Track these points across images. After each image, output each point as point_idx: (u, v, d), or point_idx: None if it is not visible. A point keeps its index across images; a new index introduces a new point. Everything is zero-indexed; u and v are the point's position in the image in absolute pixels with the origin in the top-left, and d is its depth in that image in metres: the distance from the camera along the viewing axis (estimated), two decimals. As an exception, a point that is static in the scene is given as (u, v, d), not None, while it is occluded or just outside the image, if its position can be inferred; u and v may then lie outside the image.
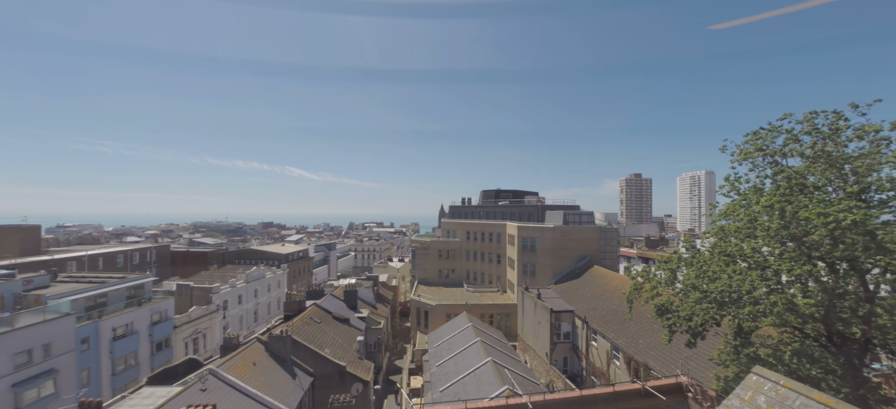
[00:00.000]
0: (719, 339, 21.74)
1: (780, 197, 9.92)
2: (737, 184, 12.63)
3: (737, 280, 10.56)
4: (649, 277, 14.35)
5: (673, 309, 12.72)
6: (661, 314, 13.16)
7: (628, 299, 14.87)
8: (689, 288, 12.09)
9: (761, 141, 11.76)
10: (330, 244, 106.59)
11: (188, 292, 49.39)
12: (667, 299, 13.00)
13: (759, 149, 11.74)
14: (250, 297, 56.76)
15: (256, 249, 72.86)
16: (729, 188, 13.12)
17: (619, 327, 28.98)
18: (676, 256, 13.89)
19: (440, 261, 64.61)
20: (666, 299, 13.04)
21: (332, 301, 42.20)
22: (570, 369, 35.22)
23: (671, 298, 13.06)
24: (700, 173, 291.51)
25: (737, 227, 11.15)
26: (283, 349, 26.63)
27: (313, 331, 32.79)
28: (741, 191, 12.73)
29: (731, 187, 13.03)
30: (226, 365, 22.78)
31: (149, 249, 60.85)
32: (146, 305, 39.25)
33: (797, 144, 10.99)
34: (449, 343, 37.38)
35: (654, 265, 15.18)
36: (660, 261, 14.50)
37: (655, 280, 13.93)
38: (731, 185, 12.93)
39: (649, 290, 13.81)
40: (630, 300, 14.79)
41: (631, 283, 15.15)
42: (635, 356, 24.73)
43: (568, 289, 41.48)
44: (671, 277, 13.61)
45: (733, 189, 13.02)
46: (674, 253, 14.37)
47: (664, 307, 12.96)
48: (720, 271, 11.20)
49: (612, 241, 47.88)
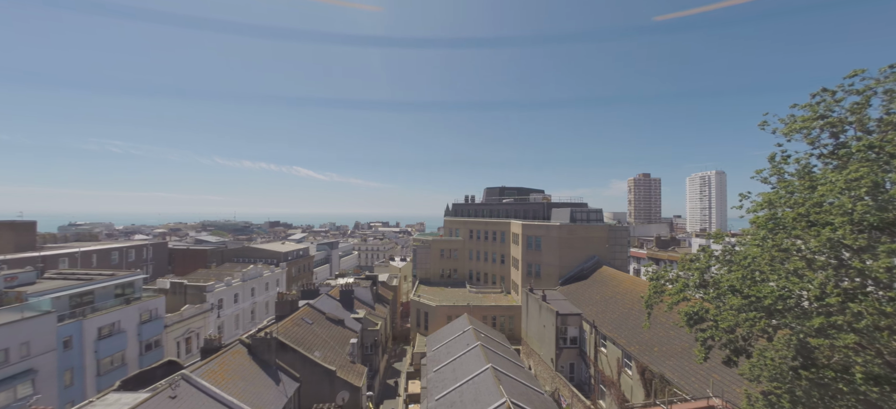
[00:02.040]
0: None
1: (867, 170, 7.66)
2: (784, 164, 10.36)
3: (794, 283, 8.33)
4: (674, 279, 12.15)
5: (709, 318, 10.40)
6: (693, 325, 10.88)
7: (647, 303, 12.70)
8: (726, 292, 9.87)
9: (825, 105, 9.48)
10: (332, 243, 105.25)
11: (182, 290, 48.02)
12: (699, 307, 10.73)
13: (820, 117, 9.48)
14: (247, 296, 55.31)
15: (255, 247, 71.59)
16: (771, 172, 10.87)
17: (631, 332, 26.69)
18: (707, 253, 11.69)
19: (442, 260, 62.61)
20: (698, 307, 10.76)
21: (326, 301, 40.43)
22: (576, 376, 32.96)
23: (703, 304, 10.77)
24: (710, 173, 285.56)
25: (797, 213, 8.82)
26: (268, 352, 24.85)
27: (303, 333, 31.00)
28: (791, 172, 10.47)
29: (774, 170, 10.80)
30: (202, 370, 21.04)
31: (145, 246, 59.79)
32: (135, 303, 37.87)
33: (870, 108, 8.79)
34: (448, 347, 35.36)
35: (678, 265, 12.96)
36: (686, 259, 12.32)
37: (682, 283, 11.73)
38: (775, 167, 10.67)
39: (674, 293, 11.62)
40: (650, 305, 12.61)
41: (650, 285, 12.96)
42: (650, 365, 22.45)
43: (575, 291, 39.19)
44: (700, 279, 11.42)
45: (776, 172, 10.79)
46: (701, 251, 12.20)
47: (697, 316, 10.68)
48: (770, 271, 8.98)
49: (622, 240, 45.42)
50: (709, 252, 11.72)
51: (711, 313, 10.18)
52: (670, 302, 11.83)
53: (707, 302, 10.64)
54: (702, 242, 67.59)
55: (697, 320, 10.65)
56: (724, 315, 9.57)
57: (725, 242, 11.73)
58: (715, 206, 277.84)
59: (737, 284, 9.46)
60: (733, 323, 9.42)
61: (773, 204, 9.89)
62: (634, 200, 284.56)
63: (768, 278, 9.04)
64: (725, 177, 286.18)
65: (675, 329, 24.23)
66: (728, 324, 9.42)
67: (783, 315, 8.75)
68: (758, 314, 9.03)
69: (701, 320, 10.59)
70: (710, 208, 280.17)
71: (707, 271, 11.41)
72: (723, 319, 9.56)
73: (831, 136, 9.51)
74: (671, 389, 19.30)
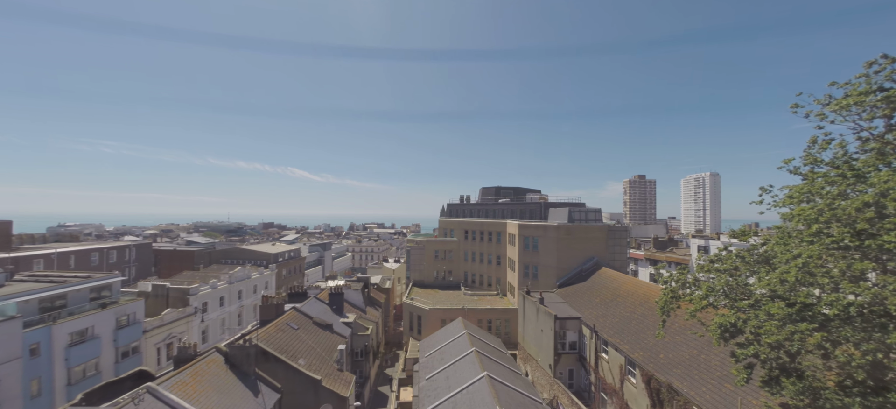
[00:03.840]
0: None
1: None
2: (823, 150, 8.91)
3: (864, 289, 6.84)
4: (692, 282, 10.65)
5: (749, 331, 8.71)
6: (729, 338, 9.31)
7: (662, 310, 11.20)
8: (765, 299, 8.33)
9: (885, 74, 8.00)
10: (325, 244, 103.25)
11: (164, 293, 45.94)
12: (735, 317, 9.12)
13: (878, 89, 7.99)
14: (234, 299, 53.28)
15: (244, 248, 69.50)
16: (805, 160, 9.41)
17: (634, 338, 25.27)
18: (732, 254, 10.20)
19: (436, 262, 60.98)
20: (734, 317, 9.15)
21: (314, 305, 38.65)
22: (576, 383, 31.50)
23: (739, 314, 9.15)
24: (705, 175, 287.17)
25: (862, 203, 7.33)
26: (246, 360, 23.10)
27: (288, 339, 29.24)
28: (826, 161, 9.06)
29: (808, 159, 9.34)
30: (171, 381, 19.27)
31: (128, 247, 57.51)
32: (111, 307, 35.83)
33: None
34: (442, 353, 33.77)
35: (695, 267, 11.47)
36: (707, 261, 10.82)
37: (705, 287, 10.23)
38: (810, 156, 9.21)
39: (698, 300, 10.12)
40: (666, 312, 11.11)
41: (664, 290, 11.46)
42: (656, 373, 21.01)
43: (573, 293, 37.77)
44: (726, 284, 9.91)
45: (812, 161, 9.35)
46: (724, 250, 10.72)
47: (733, 329, 9.05)
48: (822, 274, 7.45)
49: (622, 241, 44.13)
50: (735, 252, 10.25)
51: (751, 325, 8.61)
52: (692, 309, 10.34)
53: (739, 311, 9.05)
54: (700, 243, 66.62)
55: (733, 333, 9.09)
56: (767, 327, 8.04)
57: (751, 240, 10.26)
58: (709, 207, 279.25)
59: (779, 287, 7.95)
60: (781, 338, 7.86)
61: (813, 195, 8.47)
62: (630, 202, 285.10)
63: (819, 282, 7.55)
64: (719, 179, 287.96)
65: (681, 334, 22.85)
66: (774, 338, 7.86)
67: (845, 327, 7.24)
68: (809, 326, 7.54)
69: (737, 333, 9.04)
70: (705, 209, 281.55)
71: (734, 274, 9.94)
72: (766, 332, 8.02)
73: (885, 114, 8.03)
74: (681, 400, 17.83)
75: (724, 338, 9.18)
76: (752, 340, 8.49)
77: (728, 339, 9.15)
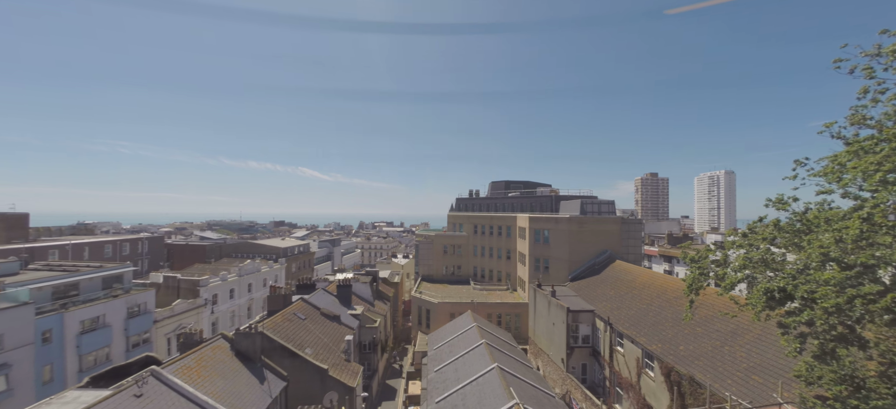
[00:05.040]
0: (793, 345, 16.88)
1: None
2: (874, 101, 7.90)
3: None
4: (722, 260, 9.70)
5: (801, 297, 7.63)
6: (775, 307, 8.27)
7: (690, 288, 10.28)
8: (814, 265, 7.34)
9: None
10: (335, 240, 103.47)
11: (175, 284, 46.29)
12: (784, 280, 8.13)
13: None
14: (243, 292, 53.49)
15: (254, 243, 69.91)
16: (853, 119, 8.43)
17: (651, 330, 24.20)
18: (770, 224, 9.24)
19: (445, 257, 60.31)
20: (784, 280, 8.14)
21: (322, 296, 38.34)
22: (589, 377, 30.49)
23: (787, 280, 8.16)
24: (719, 173, 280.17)
25: None
26: (252, 348, 22.75)
27: (295, 329, 28.90)
28: (874, 120, 8.11)
29: (857, 119, 8.38)
30: (175, 366, 18.99)
31: (141, 240, 58.22)
32: (122, 296, 36.06)
33: None
34: (451, 345, 33.08)
35: (725, 244, 10.53)
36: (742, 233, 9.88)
37: (742, 259, 9.26)
38: (859, 117, 8.24)
39: (738, 268, 9.15)
40: (694, 290, 10.18)
41: (692, 267, 10.53)
42: (676, 365, 19.97)
43: (586, 286, 36.70)
44: (766, 254, 8.97)
45: (859, 120, 8.38)
46: (760, 222, 9.77)
47: (782, 293, 8.00)
48: (884, 231, 6.47)
49: (636, 234, 42.81)
50: (773, 222, 9.27)
51: (802, 290, 7.62)
52: (727, 284, 9.42)
53: (788, 279, 8.05)
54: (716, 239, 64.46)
55: (782, 299, 8.10)
56: (823, 291, 7.08)
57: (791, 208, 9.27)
58: (723, 206, 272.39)
59: (833, 249, 6.98)
60: (842, 301, 6.87)
61: (867, 151, 7.52)
62: (642, 200, 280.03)
63: (881, 240, 6.55)
64: (735, 177, 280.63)
65: (702, 326, 21.75)
66: (832, 302, 6.90)
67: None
68: (874, 288, 6.57)
69: (786, 299, 8.04)
70: (719, 208, 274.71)
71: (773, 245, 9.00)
72: (823, 295, 7.06)
73: None
74: (705, 393, 16.80)
75: (770, 307, 8.24)
76: (803, 307, 7.54)
77: (774, 307, 8.20)
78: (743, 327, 19.80)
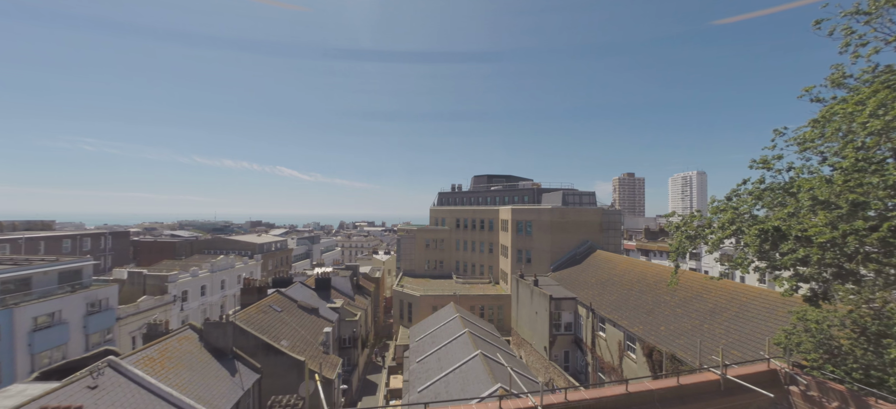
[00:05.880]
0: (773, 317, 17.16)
1: None
2: (855, 56, 7.88)
3: None
4: (705, 224, 9.57)
5: (794, 235, 7.37)
6: (769, 248, 7.97)
7: (676, 251, 10.09)
8: (804, 210, 7.16)
9: None
10: (314, 237, 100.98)
11: (141, 281, 43.73)
12: (780, 220, 7.85)
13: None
14: (216, 289, 51.14)
15: (228, 239, 67.19)
16: (833, 81, 8.45)
17: (632, 313, 24.37)
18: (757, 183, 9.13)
19: (427, 251, 59.63)
20: (781, 219, 7.87)
21: (300, 290, 37.01)
22: (572, 365, 30.55)
23: (779, 220, 7.95)
24: (692, 174, 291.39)
25: None
26: (223, 339, 21.48)
27: (270, 320, 27.64)
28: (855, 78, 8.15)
29: (836, 79, 8.41)
30: (136, 357, 17.63)
31: (104, 235, 54.79)
32: (81, 292, 33.66)
33: None
34: (433, 337, 32.49)
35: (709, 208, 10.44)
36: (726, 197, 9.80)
37: (730, 213, 9.10)
38: (839, 75, 8.27)
39: (725, 222, 8.98)
40: (680, 253, 9.99)
41: (678, 234, 10.36)
42: (658, 345, 20.10)
43: (568, 276, 36.86)
44: (754, 204, 8.88)
45: (839, 79, 8.42)
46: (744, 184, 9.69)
47: (777, 233, 7.71)
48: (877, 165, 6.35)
49: (616, 224, 43.43)
50: (759, 180, 9.17)
51: (796, 229, 7.43)
52: (715, 241, 9.25)
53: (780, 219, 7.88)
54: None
55: (775, 239, 7.89)
56: (816, 229, 6.88)
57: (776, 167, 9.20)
58: (696, 204, 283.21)
59: (822, 190, 6.81)
60: (837, 235, 6.68)
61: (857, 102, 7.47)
62: (619, 200, 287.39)
63: (872, 181, 6.43)
64: (706, 177, 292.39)
65: (682, 307, 22.02)
66: (827, 237, 6.71)
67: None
68: (866, 225, 6.41)
69: (780, 239, 7.84)
70: (692, 207, 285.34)
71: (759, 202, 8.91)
72: (817, 232, 6.87)
73: None
74: (685, 369, 16.89)
75: (762, 250, 8.08)
76: (797, 246, 7.39)
77: (767, 250, 8.06)
78: (721, 307, 20.13)
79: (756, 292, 19.69)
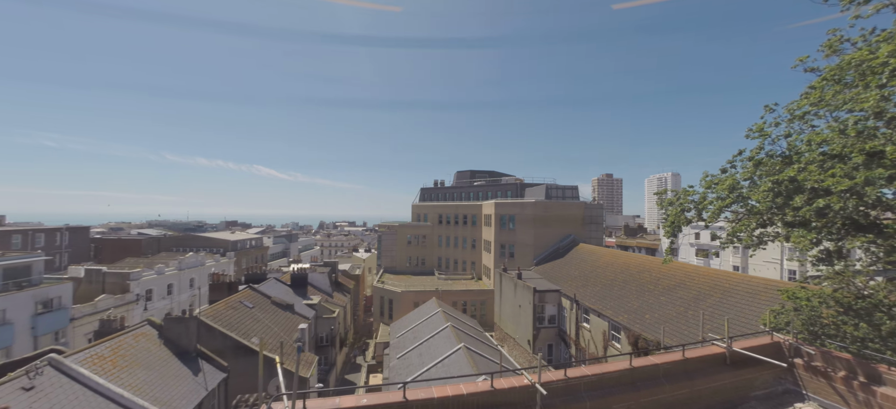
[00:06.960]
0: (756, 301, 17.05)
1: None
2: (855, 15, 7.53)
3: None
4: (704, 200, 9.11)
5: (811, 185, 6.85)
6: (782, 202, 7.43)
7: (672, 225, 9.57)
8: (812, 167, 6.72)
9: None
10: (292, 235, 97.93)
11: (99, 278, 40.80)
12: (794, 170, 7.37)
13: None
14: (184, 288, 48.43)
15: (199, 236, 64.01)
16: (830, 46, 8.11)
17: (617, 303, 24.12)
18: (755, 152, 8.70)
19: (409, 248, 58.50)
20: (794, 170, 7.40)
21: (274, 286, 35.25)
22: (556, 358, 30.17)
23: (794, 171, 7.46)
24: (667, 175, 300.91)
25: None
26: (186, 336, 19.86)
27: (239, 317, 25.98)
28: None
29: (833, 45, 8.07)
30: (83, 355, 15.86)
31: (60, 230, 50.99)
32: (28, 289, 30.89)
33: None
34: (414, 332, 31.46)
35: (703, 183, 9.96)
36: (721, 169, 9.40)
37: (731, 179, 8.63)
38: (835, 42, 7.94)
39: (725, 189, 8.48)
40: (676, 227, 9.43)
41: (671, 211, 9.84)
42: (643, 333, 19.81)
43: (551, 269, 36.59)
44: (754, 171, 8.43)
45: (835, 45, 8.09)
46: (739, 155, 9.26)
47: (792, 184, 7.17)
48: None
49: (598, 218, 43.62)
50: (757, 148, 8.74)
51: (813, 179, 6.90)
52: (714, 212, 8.76)
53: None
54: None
55: (789, 192, 7.33)
56: (832, 181, 6.40)
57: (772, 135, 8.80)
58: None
59: (835, 141, 6.37)
60: (858, 181, 6.20)
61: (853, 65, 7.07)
62: (598, 200, 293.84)
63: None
64: (680, 178, 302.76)
65: (666, 295, 21.88)
66: (846, 185, 6.24)
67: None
68: (886, 172, 5.98)
69: (796, 191, 7.29)
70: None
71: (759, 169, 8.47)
72: (836, 181, 6.40)
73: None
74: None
75: (776, 204, 7.59)
76: (814, 198, 6.91)
77: (781, 204, 7.56)
78: (704, 293, 20.05)
79: (738, 278, 19.70)
